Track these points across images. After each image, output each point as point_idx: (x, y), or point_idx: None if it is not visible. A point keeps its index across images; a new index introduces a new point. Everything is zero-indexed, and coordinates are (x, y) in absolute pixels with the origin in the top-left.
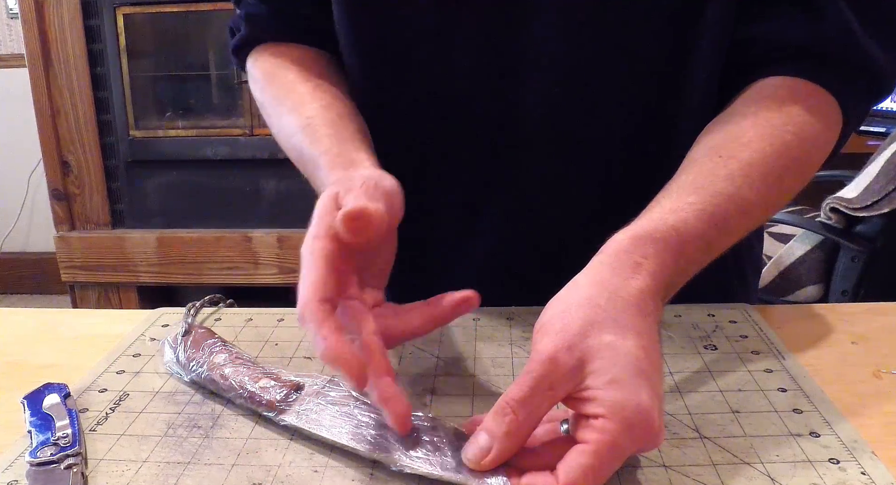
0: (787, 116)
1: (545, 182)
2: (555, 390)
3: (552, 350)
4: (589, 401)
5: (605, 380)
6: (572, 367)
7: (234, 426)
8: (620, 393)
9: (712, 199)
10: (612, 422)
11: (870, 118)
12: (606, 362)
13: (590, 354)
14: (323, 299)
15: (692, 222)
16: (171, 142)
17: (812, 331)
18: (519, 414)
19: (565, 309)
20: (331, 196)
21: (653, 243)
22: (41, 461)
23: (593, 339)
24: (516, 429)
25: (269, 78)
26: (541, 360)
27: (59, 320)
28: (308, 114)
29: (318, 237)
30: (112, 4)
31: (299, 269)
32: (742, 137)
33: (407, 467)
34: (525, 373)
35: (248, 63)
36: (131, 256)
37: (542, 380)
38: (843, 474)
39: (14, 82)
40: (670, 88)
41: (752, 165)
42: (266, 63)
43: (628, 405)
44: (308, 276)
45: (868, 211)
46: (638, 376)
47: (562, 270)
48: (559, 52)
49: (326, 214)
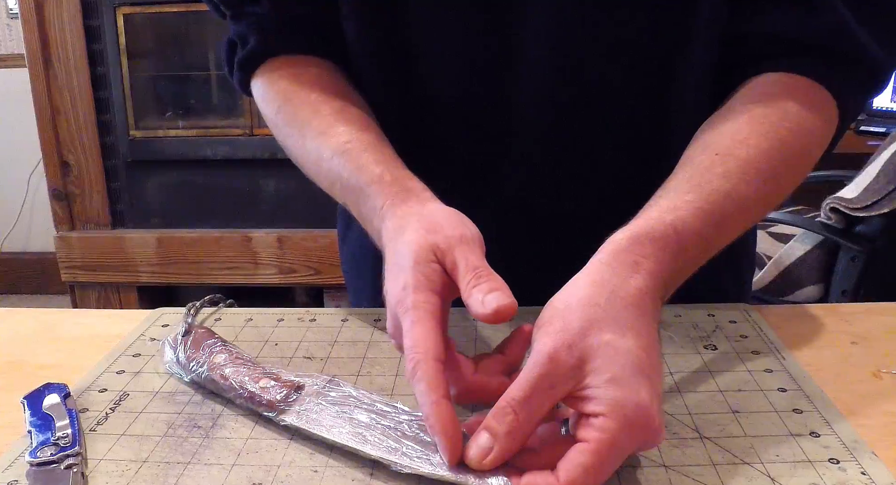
0: (783, 113)
1: (541, 180)
2: (555, 389)
3: (552, 349)
4: (589, 400)
5: (605, 378)
6: (572, 366)
7: (234, 426)
8: (620, 392)
9: (710, 196)
10: (612, 420)
11: (870, 118)
12: (606, 361)
13: (590, 353)
14: (437, 359)
15: (690, 221)
16: (171, 142)
17: (812, 331)
18: (520, 413)
19: (565, 308)
20: (424, 246)
21: (651, 243)
22: (41, 461)
23: (593, 338)
24: (517, 428)
25: (286, 97)
26: (541, 359)
27: (59, 320)
28: (345, 138)
29: (420, 290)
30: (112, 4)
31: (299, 269)
32: (738, 134)
33: (407, 467)
34: (525, 372)
35: (258, 79)
36: (131, 256)
37: (543, 379)
38: (843, 474)
39: (14, 82)
40: (664, 85)
41: (749, 162)
42: (283, 81)
43: (628, 404)
44: (417, 331)
45: (868, 211)
46: (638, 374)
47: (558, 269)
48: (552, 49)
49: (423, 263)
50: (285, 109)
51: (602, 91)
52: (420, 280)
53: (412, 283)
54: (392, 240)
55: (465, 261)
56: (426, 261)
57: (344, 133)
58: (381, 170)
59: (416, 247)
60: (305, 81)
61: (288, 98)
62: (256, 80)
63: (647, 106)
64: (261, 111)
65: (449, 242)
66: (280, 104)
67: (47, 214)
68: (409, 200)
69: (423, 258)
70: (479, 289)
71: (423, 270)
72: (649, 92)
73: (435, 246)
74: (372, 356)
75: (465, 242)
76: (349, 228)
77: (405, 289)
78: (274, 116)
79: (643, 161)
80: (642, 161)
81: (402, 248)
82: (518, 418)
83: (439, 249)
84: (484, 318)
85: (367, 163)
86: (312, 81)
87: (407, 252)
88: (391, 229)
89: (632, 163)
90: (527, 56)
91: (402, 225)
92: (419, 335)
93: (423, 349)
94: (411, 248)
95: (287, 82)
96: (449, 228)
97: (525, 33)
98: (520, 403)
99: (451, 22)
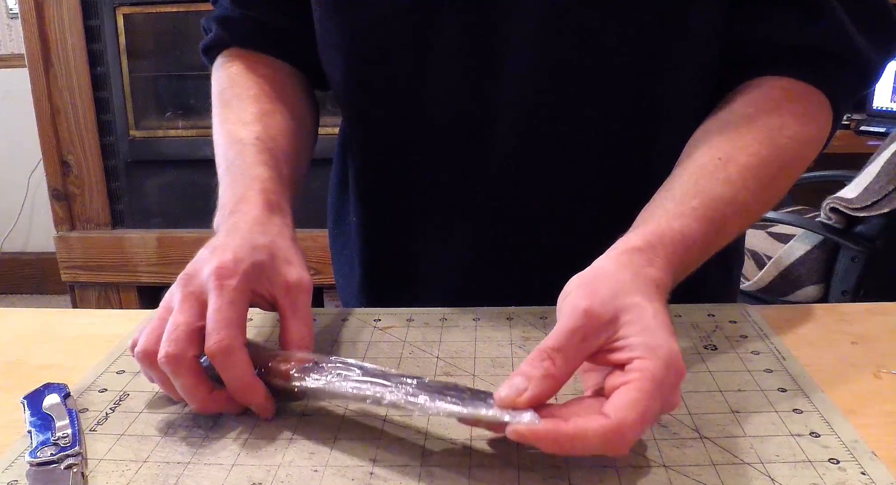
0: (782, 121)
1: (523, 185)
2: (588, 342)
3: (588, 304)
4: (622, 348)
5: (639, 328)
6: (607, 320)
7: (234, 426)
8: (653, 338)
9: (712, 203)
10: (648, 360)
11: (870, 118)
12: (638, 316)
13: (622, 310)
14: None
15: (695, 227)
16: (171, 142)
17: (812, 331)
18: (556, 360)
19: (592, 280)
20: (245, 269)
21: (662, 247)
22: (41, 461)
23: (624, 298)
24: (552, 374)
25: (230, 82)
26: (577, 313)
27: (59, 320)
28: (257, 134)
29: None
30: (112, 4)
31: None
32: (740, 140)
33: (433, 408)
34: (560, 325)
35: (217, 63)
36: (131, 256)
37: (578, 331)
38: (843, 474)
39: (14, 82)
40: (651, 96)
41: (750, 168)
42: (233, 69)
43: (662, 347)
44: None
45: (868, 211)
46: (666, 329)
47: (537, 276)
48: (538, 57)
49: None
50: (225, 94)
51: (587, 101)
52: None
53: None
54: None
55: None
56: (231, 273)
57: (256, 131)
58: (267, 174)
59: (236, 260)
60: (254, 76)
61: (230, 84)
62: (216, 64)
63: (634, 117)
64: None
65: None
66: (222, 88)
67: (47, 214)
68: (274, 213)
69: (230, 271)
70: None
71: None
72: (635, 103)
73: (248, 273)
74: (372, 356)
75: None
76: (338, 227)
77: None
78: (216, 100)
79: (627, 170)
80: (626, 170)
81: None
82: (553, 363)
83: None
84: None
85: (258, 163)
86: (260, 78)
87: (236, 249)
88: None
89: (615, 170)
90: (511, 64)
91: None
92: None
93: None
94: (241, 253)
95: (236, 72)
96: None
97: (510, 41)
98: (556, 350)
99: (433, 32)
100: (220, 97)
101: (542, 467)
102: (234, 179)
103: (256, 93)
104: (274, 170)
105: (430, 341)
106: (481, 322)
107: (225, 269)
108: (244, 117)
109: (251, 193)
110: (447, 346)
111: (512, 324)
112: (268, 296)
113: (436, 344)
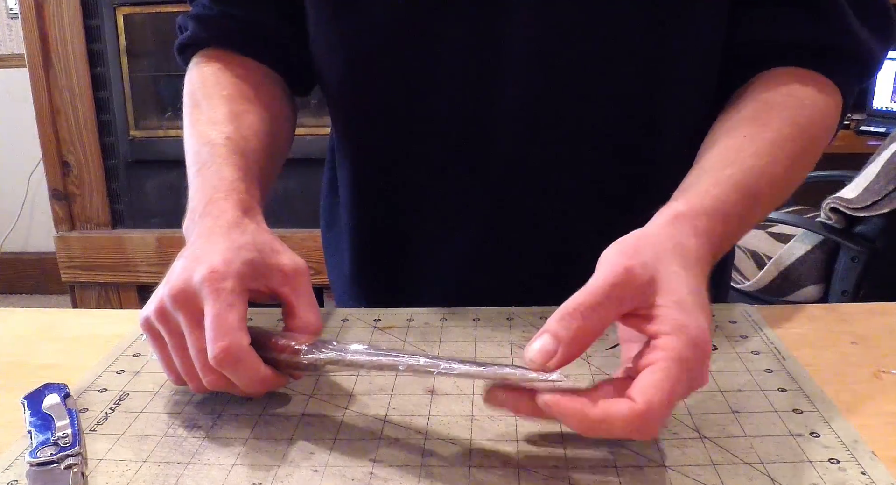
0: (799, 101)
1: (524, 188)
2: (622, 303)
3: (628, 264)
4: (653, 319)
5: (673, 299)
6: (644, 282)
7: (234, 426)
8: (684, 314)
9: (747, 172)
10: (676, 339)
11: (870, 118)
12: (675, 285)
13: (660, 275)
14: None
15: (732, 195)
16: (171, 142)
17: (812, 331)
18: (587, 321)
19: (635, 243)
20: (234, 273)
21: (705, 215)
22: (41, 461)
23: (664, 264)
24: (582, 336)
25: (202, 83)
26: (617, 270)
27: (59, 320)
28: (227, 134)
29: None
30: (112, 4)
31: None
32: (761, 120)
33: (455, 370)
34: (596, 280)
35: (192, 63)
36: (131, 256)
37: (614, 289)
38: (843, 474)
39: (14, 82)
40: (653, 97)
41: (775, 143)
42: (207, 69)
43: (691, 325)
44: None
45: (868, 211)
46: (699, 305)
47: (537, 277)
48: (540, 54)
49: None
50: (197, 94)
51: (589, 97)
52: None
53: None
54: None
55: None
56: (223, 276)
57: (229, 131)
58: (236, 175)
59: (229, 264)
60: (229, 77)
61: (203, 83)
62: (191, 64)
63: (636, 113)
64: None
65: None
66: (194, 88)
67: (47, 214)
68: (247, 212)
69: (222, 274)
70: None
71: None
72: (637, 100)
73: (241, 275)
74: None
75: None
76: (330, 230)
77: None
78: (187, 99)
79: (629, 164)
80: (629, 164)
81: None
82: (584, 325)
83: (239, 279)
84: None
85: (231, 165)
86: (235, 78)
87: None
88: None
89: (617, 166)
90: (513, 61)
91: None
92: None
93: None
94: (236, 252)
95: (211, 71)
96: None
97: (511, 38)
98: (589, 308)
99: (433, 31)
100: (192, 98)
101: (542, 467)
102: (205, 180)
103: (230, 93)
104: (244, 171)
105: (430, 341)
106: (481, 322)
107: (216, 273)
108: (215, 118)
109: (220, 195)
110: (447, 346)
111: (512, 324)
112: (266, 290)
113: (436, 344)
